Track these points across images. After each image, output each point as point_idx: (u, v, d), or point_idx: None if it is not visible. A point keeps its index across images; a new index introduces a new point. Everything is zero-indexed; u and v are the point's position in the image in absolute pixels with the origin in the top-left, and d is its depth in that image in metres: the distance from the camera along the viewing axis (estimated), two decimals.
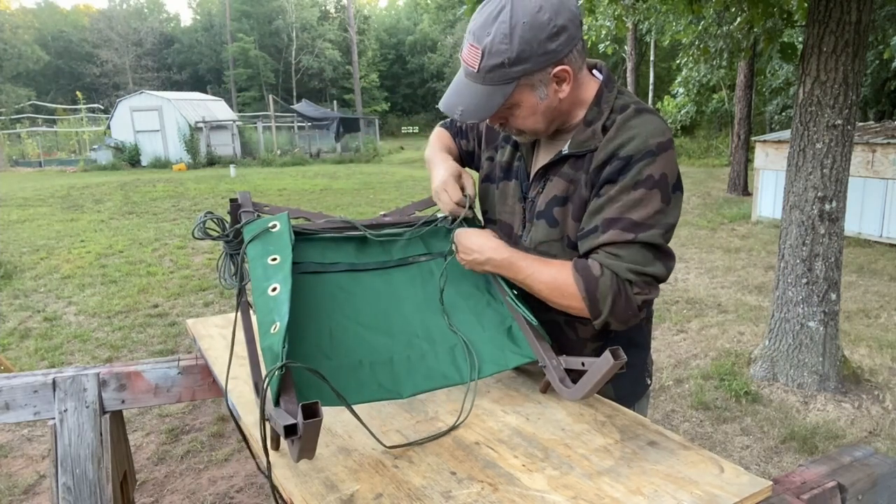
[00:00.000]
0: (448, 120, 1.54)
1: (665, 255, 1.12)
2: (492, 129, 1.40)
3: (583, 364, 1.11)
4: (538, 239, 1.24)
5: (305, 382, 0.99)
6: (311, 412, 0.81)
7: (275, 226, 1.19)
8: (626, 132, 1.12)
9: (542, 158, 1.26)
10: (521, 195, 1.30)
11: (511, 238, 1.31)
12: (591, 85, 1.19)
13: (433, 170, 1.43)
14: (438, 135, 1.56)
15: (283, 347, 0.92)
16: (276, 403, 0.92)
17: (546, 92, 1.12)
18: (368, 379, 1.08)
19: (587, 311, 1.12)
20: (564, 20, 1.07)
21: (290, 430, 0.84)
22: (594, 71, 1.22)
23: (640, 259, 1.09)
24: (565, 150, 1.19)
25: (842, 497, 0.98)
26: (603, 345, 1.27)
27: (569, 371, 1.16)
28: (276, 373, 0.91)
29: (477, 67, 1.09)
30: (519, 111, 1.15)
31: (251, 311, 1.24)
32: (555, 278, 1.14)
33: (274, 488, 0.97)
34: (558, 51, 1.08)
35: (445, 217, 1.39)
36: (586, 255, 1.15)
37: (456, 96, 1.15)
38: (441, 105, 1.17)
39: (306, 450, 0.88)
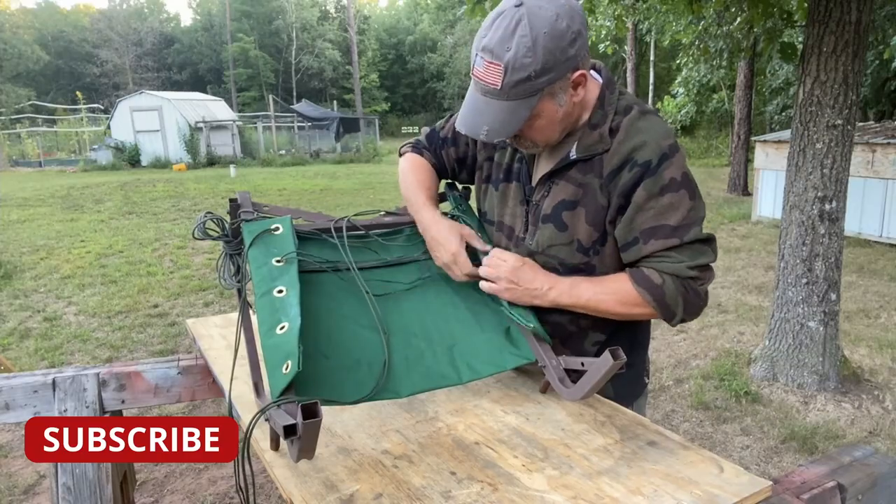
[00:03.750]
0: (421, 138, 1.46)
1: (709, 241, 1.15)
2: None
3: (582, 364, 1.11)
4: (545, 242, 1.22)
5: (304, 382, 0.99)
6: (311, 412, 0.81)
7: (277, 228, 1.19)
8: (636, 135, 1.13)
9: (545, 160, 1.25)
10: (523, 197, 1.28)
11: (513, 240, 1.30)
12: (592, 86, 1.19)
13: (427, 225, 1.31)
14: (413, 165, 1.41)
15: (300, 348, 0.93)
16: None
17: (564, 98, 1.12)
18: (366, 378, 1.08)
19: (660, 316, 1.16)
20: (578, 24, 1.06)
21: (290, 431, 0.84)
22: (592, 72, 1.21)
23: (691, 255, 1.12)
24: (573, 154, 1.18)
25: (842, 497, 0.98)
26: (603, 335, 1.28)
27: (568, 371, 1.16)
28: (287, 377, 0.92)
29: (500, 84, 1.05)
30: (539, 121, 1.13)
31: (251, 312, 1.24)
32: (617, 292, 1.16)
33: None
34: (577, 55, 1.08)
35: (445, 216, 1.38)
36: (634, 264, 1.17)
37: (477, 116, 1.12)
38: (462, 127, 1.15)
39: (306, 450, 0.87)
